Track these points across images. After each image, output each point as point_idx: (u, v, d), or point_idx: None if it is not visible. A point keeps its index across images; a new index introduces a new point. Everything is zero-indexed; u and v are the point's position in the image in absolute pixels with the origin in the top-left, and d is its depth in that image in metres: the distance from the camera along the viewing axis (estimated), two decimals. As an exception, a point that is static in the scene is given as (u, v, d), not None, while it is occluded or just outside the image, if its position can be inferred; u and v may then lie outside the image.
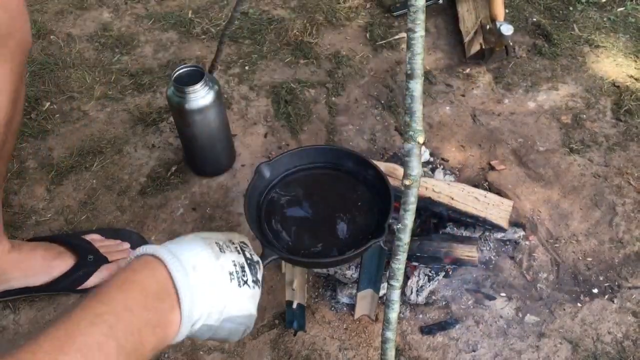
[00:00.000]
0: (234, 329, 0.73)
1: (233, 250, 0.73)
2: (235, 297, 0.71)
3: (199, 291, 0.65)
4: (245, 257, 0.75)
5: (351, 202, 1.20)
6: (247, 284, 0.73)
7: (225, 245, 0.73)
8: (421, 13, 0.72)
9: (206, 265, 0.67)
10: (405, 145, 0.79)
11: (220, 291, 0.68)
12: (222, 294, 0.69)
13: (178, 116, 1.53)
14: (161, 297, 0.62)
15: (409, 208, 0.82)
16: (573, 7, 2.27)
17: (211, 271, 0.68)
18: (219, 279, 0.68)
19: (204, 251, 0.69)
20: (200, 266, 0.67)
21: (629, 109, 1.89)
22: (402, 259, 0.87)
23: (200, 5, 2.30)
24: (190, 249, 0.68)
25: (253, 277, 0.75)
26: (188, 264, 0.65)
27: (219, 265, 0.69)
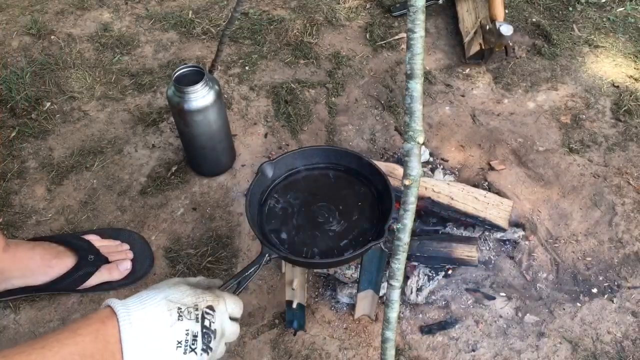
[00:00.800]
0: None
1: (192, 319, 0.79)
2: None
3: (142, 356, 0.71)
4: (202, 325, 0.80)
5: (352, 203, 1.20)
6: (195, 352, 0.78)
7: (187, 311, 0.79)
8: (421, 13, 0.72)
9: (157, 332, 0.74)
10: (405, 145, 0.79)
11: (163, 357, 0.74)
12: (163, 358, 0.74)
13: (178, 116, 1.53)
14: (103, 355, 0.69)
15: (409, 208, 0.82)
16: (573, 8, 2.28)
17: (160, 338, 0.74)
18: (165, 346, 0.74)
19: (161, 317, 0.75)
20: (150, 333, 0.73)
21: (629, 109, 1.90)
22: (402, 259, 0.87)
23: (200, 6, 2.30)
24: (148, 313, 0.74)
25: (203, 346, 0.79)
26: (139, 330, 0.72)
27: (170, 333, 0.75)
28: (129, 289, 1.46)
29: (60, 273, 1.39)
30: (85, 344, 0.68)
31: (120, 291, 1.46)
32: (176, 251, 1.54)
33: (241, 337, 1.39)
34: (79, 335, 0.68)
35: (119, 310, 0.72)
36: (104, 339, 0.69)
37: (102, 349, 0.68)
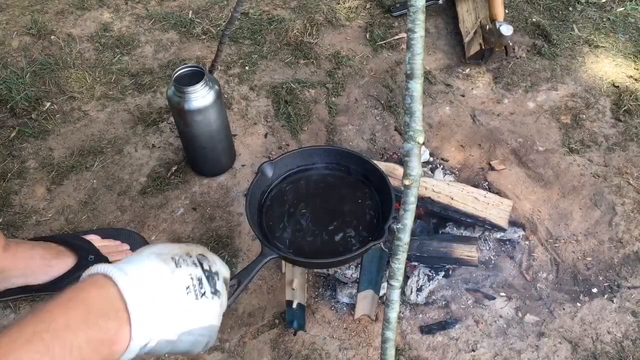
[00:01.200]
0: (195, 341, 0.71)
1: (190, 264, 0.72)
2: (192, 311, 0.69)
3: (151, 306, 0.63)
4: (203, 270, 0.73)
5: (352, 203, 1.20)
6: (205, 296, 0.71)
7: (181, 259, 0.71)
8: (421, 13, 0.72)
9: (160, 281, 0.66)
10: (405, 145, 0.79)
11: (176, 306, 0.67)
12: (177, 308, 0.67)
13: (178, 116, 1.53)
14: (107, 314, 0.60)
15: (409, 208, 0.82)
16: (573, 8, 2.28)
17: (165, 286, 0.66)
18: (174, 293, 0.67)
19: (158, 266, 0.67)
20: (153, 282, 0.65)
21: (629, 109, 1.90)
22: (402, 259, 0.87)
23: (200, 6, 2.30)
24: (142, 265, 0.66)
25: (211, 289, 0.73)
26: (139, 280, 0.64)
27: (174, 280, 0.68)
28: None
29: (60, 273, 1.39)
30: (87, 306, 0.60)
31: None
32: (176, 251, 1.54)
33: (241, 337, 1.39)
34: (72, 309, 0.59)
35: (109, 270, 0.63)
36: (99, 301, 0.61)
37: (99, 311, 0.60)
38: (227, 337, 1.39)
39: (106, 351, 0.59)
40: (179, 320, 0.67)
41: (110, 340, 0.59)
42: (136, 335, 0.61)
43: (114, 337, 0.60)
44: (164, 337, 0.65)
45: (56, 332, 0.56)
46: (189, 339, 0.69)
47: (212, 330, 0.73)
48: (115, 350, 0.60)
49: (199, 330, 0.70)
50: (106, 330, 0.59)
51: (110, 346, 0.59)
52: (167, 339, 0.66)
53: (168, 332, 0.66)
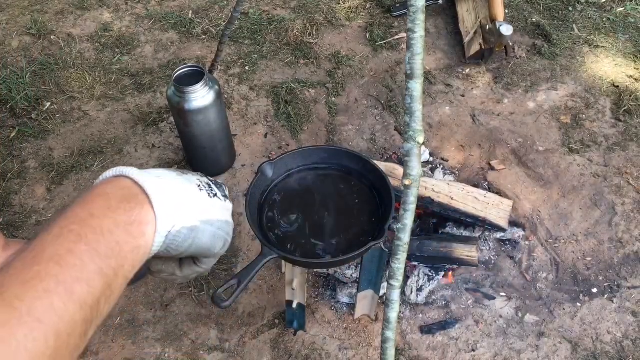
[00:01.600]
0: (216, 234, 0.70)
1: (196, 174, 0.72)
2: (209, 204, 0.68)
3: (169, 191, 0.63)
4: (208, 179, 0.74)
5: (352, 203, 1.20)
6: (218, 197, 0.70)
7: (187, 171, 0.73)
8: (421, 13, 0.72)
9: (171, 177, 0.65)
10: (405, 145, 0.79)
11: (191, 196, 0.66)
12: (193, 199, 0.66)
13: (178, 116, 1.53)
14: (127, 198, 0.59)
15: (409, 208, 0.82)
16: (573, 8, 2.28)
17: (177, 182, 0.66)
18: (187, 187, 0.67)
19: (165, 170, 0.67)
20: (165, 176, 0.65)
21: (629, 109, 1.90)
22: (402, 259, 0.87)
23: (200, 6, 2.30)
24: (151, 169, 0.66)
25: (222, 193, 0.72)
26: (151, 175, 0.64)
27: (184, 179, 0.67)
28: (128, 289, 1.46)
29: (60, 273, 1.39)
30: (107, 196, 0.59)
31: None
32: (176, 251, 1.54)
33: (241, 337, 1.39)
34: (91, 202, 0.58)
35: (119, 169, 0.62)
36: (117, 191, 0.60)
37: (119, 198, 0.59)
38: (227, 337, 1.39)
39: (137, 231, 0.58)
40: (198, 209, 0.67)
41: (138, 221, 0.58)
42: (160, 214, 0.60)
43: (140, 217, 0.59)
44: (186, 222, 0.64)
45: (83, 222, 0.55)
46: (210, 229, 0.68)
47: (229, 227, 0.72)
48: (146, 231, 0.59)
49: (217, 222, 0.69)
50: (130, 212, 0.58)
51: (139, 226, 0.58)
52: (190, 224, 0.65)
53: (189, 216, 0.65)
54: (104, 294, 0.54)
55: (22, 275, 0.49)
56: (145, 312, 1.43)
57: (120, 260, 0.56)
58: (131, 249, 0.57)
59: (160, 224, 0.60)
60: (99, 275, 0.53)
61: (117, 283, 0.55)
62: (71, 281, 0.51)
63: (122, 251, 0.56)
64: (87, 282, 0.52)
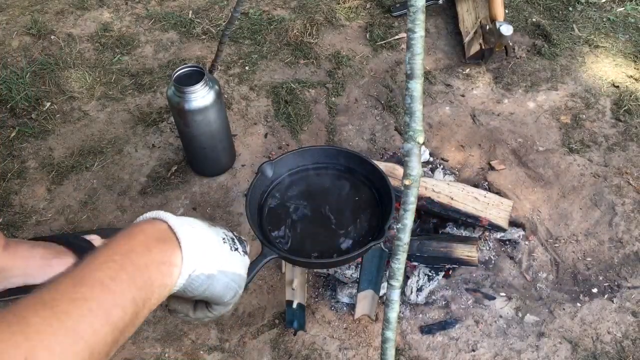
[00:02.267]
0: (229, 285, 0.77)
1: (222, 228, 0.80)
2: (228, 257, 0.76)
3: (196, 238, 0.71)
4: (234, 235, 0.81)
5: (352, 203, 1.20)
6: (238, 252, 0.79)
7: (216, 224, 0.80)
8: (421, 13, 0.72)
9: (201, 227, 0.74)
10: (405, 145, 0.79)
11: (215, 247, 0.74)
12: (217, 249, 0.74)
13: (178, 116, 1.53)
14: (163, 239, 0.67)
15: (409, 208, 0.82)
16: (573, 8, 2.28)
17: (206, 232, 0.74)
18: (213, 239, 0.75)
19: (199, 220, 0.76)
20: (197, 225, 0.73)
21: (629, 109, 1.90)
22: (402, 259, 0.87)
23: (200, 6, 2.30)
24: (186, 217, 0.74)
25: (243, 249, 0.81)
26: (184, 219, 0.72)
27: (213, 231, 0.76)
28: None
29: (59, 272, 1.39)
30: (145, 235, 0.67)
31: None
32: (176, 251, 1.54)
33: (241, 337, 1.39)
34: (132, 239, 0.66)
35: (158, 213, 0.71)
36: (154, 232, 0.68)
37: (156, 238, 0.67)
38: (227, 337, 1.39)
39: (167, 271, 0.66)
40: (217, 259, 0.74)
41: (169, 261, 0.66)
42: (186, 258, 0.67)
43: (171, 258, 0.66)
44: (206, 269, 0.71)
45: (124, 254, 0.63)
46: (224, 280, 0.74)
47: (242, 280, 0.79)
48: (173, 272, 0.66)
49: (231, 274, 0.76)
50: (164, 253, 0.66)
51: (169, 267, 0.66)
52: (208, 272, 0.72)
53: (209, 265, 0.72)
54: (132, 321, 0.61)
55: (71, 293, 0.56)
56: (145, 312, 1.43)
57: (150, 293, 0.63)
58: (159, 285, 0.65)
59: (184, 267, 0.67)
60: (132, 304, 0.60)
61: (143, 312, 0.63)
62: (110, 306, 0.58)
63: (152, 285, 0.64)
64: (123, 308, 0.59)
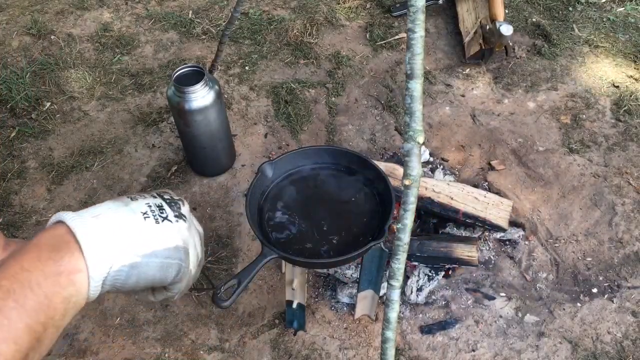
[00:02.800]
0: (164, 263, 0.69)
1: (148, 197, 0.71)
2: (154, 234, 0.67)
3: (103, 233, 0.63)
4: (164, 199, 0.72)
5: (352, 203, 1.20)
6: (168, 220, 0.70)
7: (138, 196, 0.71)
8: (421, 13, 0.72)
9: (112, 212, 0.66)
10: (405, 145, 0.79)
11: (132, 230, 0.66)
12: (134, 232, 0.66)
13: (178, 116, 1.53)
14: (57, 247, 0.60)
15: (408, 208, 0.82)
16: (573, 8, 2.28)
17: (118, 216, 0.66)
18: (129, 220, 0.66)
19: (110, 203, 0.67)
20: (104, 214, 0.65)
21: (629, 109, 1.90)
22: (402, 259, 0.87)
23: (200, 6, 2.30)
24: (94, 207, 0.66)
25: (175, 213, 0.71)
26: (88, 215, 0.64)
27: (129, 210, 0.67)
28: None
29: (60, 273, 1.38)
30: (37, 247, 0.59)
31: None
32: (176, 251, 1.54)
33: (241, 337, 1.39)
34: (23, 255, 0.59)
35: (60, 215, 0.63)
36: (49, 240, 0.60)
37: (50, 248, 0.59)
38: (227, 337, 1.39)
39: (66, 281, 0.58)
40: (138, 243, 0.66)
41: (66, 270, 0.58)
42: (91, 261, 0.60)
43: (69, 266, 0.59)
44: (125, 260, 0.64)
45: (13, 276, 0.56)
46: (155, 262, 0.67)
47: (179, 252, 0.71)
48: (76, 280, 0.59)
49: (164, 252, 0.68)
50: (59, 262, 0.58)
51: (69, 276, 0.58)
52: (130, 262, 0.64)
53: (128, 254, 0.64)
54: (33, 348, 0.54)
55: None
56: (145, 312, 1.43)
57: (50, 312, 0.56)
58: (61, 300, 0.57)
59: (92, 270, 0.60)
60: (26, 333, 0.54)
61: (47, 335, 0.56)
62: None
63: (51, 303, 0.56)
64: (15, 340, 0.53)
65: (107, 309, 1.43)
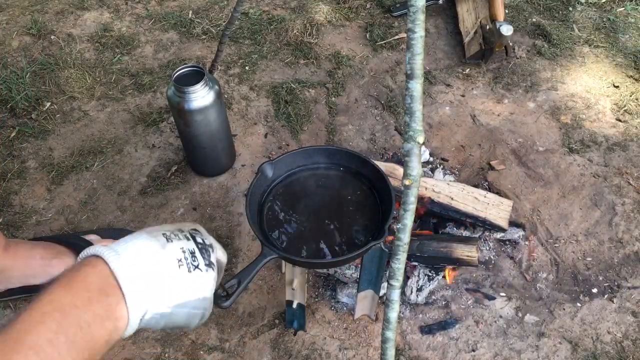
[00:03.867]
0: (190, 314, 0.72)
1: (182, 238, 0.73)
2: (186, 283, 0.71)
3: (142, 281, 0.66)
4: (196, 242, 0.75)
5: (353, 203, 1.20)
6: (199, 268, 0.73)
7: (173, 234, 0.73)
8: (421, 13, 0.72)
9: (150, 256, 0.68)
10: (405, 145, 0.79)
11: (167, 279, 0.69)
12: (169, 281, 0.69)
13: (178, 116, 1.54)
14: (106, 291, 0.64)
15: (408, 208, 0.82)
16: (573, 8, 2.28)
17: (156, 261, 0.69)
18: (165, 267, 0.69)
19: (148, 243, 0.70)
20: (143, 258, 0.68)
21: (629, 109, 1.90)
22: (402, 259, 0.87)
23: (200, 6, 2.30)
24: (133, 243, 0.69)
25: (205, 261, 0.75)
26: (129, 257, 0.67)
27: (165, 254, 0.70)
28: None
29: (60, 273, 1.38)
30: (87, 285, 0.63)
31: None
32: (176, 251, 1.54)
33: (241, 337, 1.39)
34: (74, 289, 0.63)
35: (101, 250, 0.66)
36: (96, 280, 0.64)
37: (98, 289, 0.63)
38: (227, 337, 1.39)
39: (111, 326, 0.63)
40: (172, 293, 0.69)
41: (113, 316, 0.63)
42: (132, 309, 0.64)
43: (115, 313, 0.63)
44: (158, 309, 0.68)
45: (65, 311, 0.60)
46: (183, 312, 0.71)
47: (206, 302, 0.74)
48: (118, 325, 0.63)
49: (192, 302, 0.72)
50: (107, 306, 0.63)
51: (114, 322, 0.63)
52: (161, 311, 0.68)
53: (161, 305, 0.68)
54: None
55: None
56: (145, 312, 1.43)
57: (94, 350, 0.61)
58: (104, 341, 0.62)
59: (132, 318, 0.65)
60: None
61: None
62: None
63: (96, 343, 0.61)
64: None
65: (107, 309, 1.43)
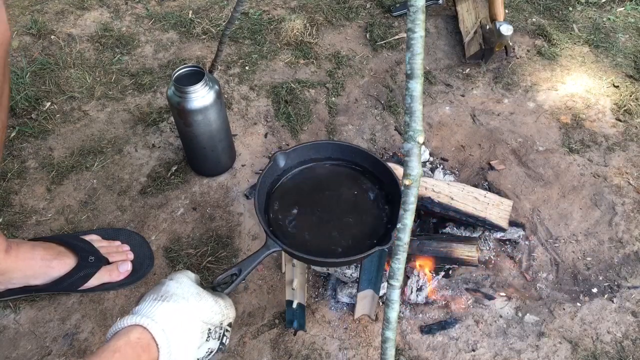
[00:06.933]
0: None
1: (215, 338, 0.92)
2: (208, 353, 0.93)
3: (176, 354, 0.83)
4: (221, 343, 0.94)
5: (361, 202, 1.19)
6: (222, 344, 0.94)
7: (214, 331, 0.92)
8: (421, 13, 0.72)
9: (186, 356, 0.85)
10: (405, 145, 0.79)
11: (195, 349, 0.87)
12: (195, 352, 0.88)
13: (178, 116, 1.54)
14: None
15: (408, 208, 0.82)
16: (573, 8, 2.28)
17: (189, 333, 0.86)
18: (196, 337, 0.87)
19: (194, 341, 0.86)
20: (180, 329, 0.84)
21: (629, 109, 1.90)
22: (402, 259, 0.87)
23: (200, 6, 2.30)
24: (186, 336, 0.84)
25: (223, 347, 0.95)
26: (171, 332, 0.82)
27: (195, 354, 0.87)
28: (128, 289, 1.46)
29: (60, 274, 1.39)
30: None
31: (120, 291, 1.46)
32: (176, 251, 1.54)
33: (241, 337, 1.39)
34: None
35: (159, 339, 0.80)
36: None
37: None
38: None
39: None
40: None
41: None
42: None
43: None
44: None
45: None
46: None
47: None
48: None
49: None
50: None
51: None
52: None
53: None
54: None
55: None
56: (145, 312, 1.43)
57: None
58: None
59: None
60: None
61: None
62: None
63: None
64: None
65: (107, 309, 1.43)
